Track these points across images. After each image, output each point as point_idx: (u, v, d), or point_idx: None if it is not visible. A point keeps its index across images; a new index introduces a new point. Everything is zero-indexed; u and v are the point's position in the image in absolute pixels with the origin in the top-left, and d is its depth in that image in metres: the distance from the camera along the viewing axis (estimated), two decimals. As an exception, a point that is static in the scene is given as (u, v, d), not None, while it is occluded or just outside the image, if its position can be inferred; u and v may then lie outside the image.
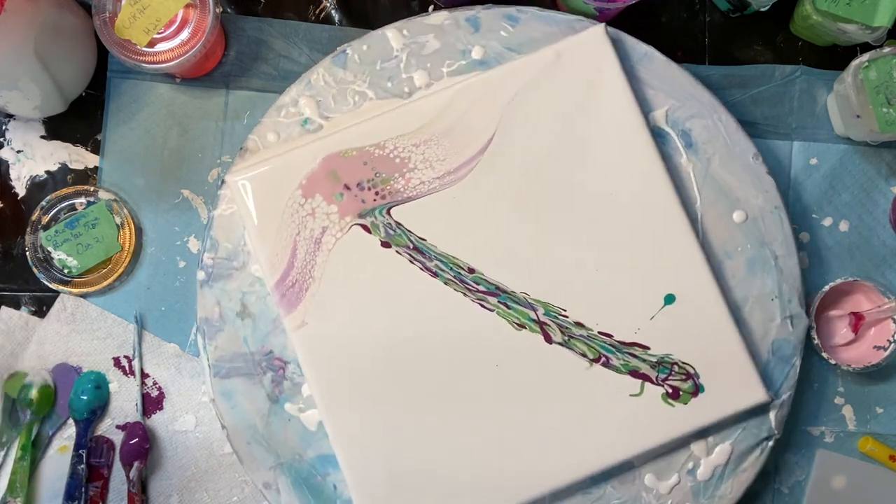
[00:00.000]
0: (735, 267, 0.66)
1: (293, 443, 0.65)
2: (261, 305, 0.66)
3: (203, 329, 0.66)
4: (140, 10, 0.63)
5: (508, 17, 0.67)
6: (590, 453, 0.62)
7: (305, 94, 0.67)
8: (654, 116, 0.66)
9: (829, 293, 0.68)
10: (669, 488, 0.65)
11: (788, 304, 0.66)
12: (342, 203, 0.64)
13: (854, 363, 0.67)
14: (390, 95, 0.67)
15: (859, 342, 0.69)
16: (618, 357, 0.63)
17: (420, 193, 0.64)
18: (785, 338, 0.66)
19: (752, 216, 0.66)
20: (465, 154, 0.64)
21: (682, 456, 0.65)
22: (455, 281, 0.64)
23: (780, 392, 0.65)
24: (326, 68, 0.67)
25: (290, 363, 0.65)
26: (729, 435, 0.65)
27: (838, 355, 0.68)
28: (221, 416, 0.65)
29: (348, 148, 0.64)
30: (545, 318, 0.63)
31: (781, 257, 0.66)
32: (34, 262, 0.68)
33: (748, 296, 0.66)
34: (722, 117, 0.66)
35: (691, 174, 0.66)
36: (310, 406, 0.65)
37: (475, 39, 0.67)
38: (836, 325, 0.70)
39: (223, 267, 0.66)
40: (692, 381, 0.63)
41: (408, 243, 0.64)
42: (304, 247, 0.64)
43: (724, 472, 0.65)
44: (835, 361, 0.67)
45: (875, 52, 0.66)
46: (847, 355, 0.69)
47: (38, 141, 0.70)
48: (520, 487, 0.62)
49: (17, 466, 0.66)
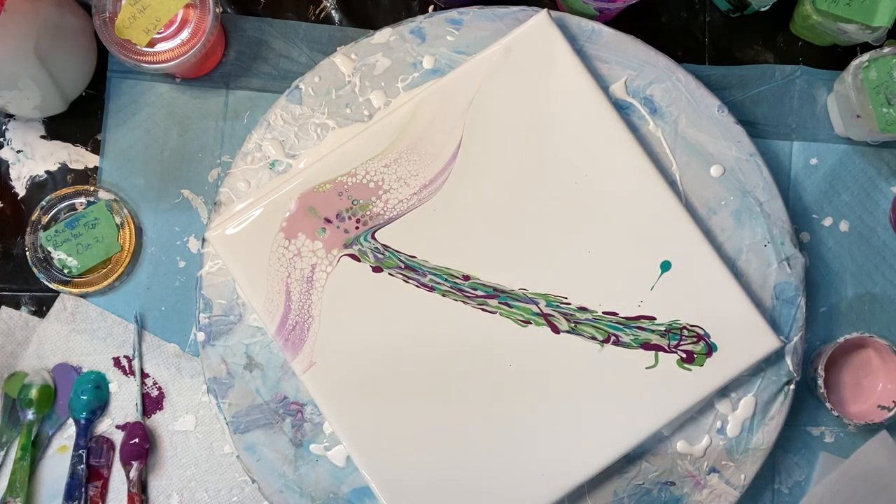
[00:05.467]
0: (722, 221, 0.66)
1: (325, 482, 0.65)
2: (266, 354, 0.66)
3: (213, 389, 0.65)
4: (140, 10, 0.63)
5: (452, 21, 0.67)
6: (619, 433, 0.62)
7: (267, 137, 0.66)
8: (614, 90, 0.67)
9: (841, 345, 0.67)
10: (703, 450, 0.65)
11: (782, 247, 0.66)
12: (326, 237, 0.64)
13: (857, 419, 0.67)
14: (351, 121, 0.66)
15: (864, 398, 0.69)
16: (627, 333, 0.63)
17: (400, 212, 0.64)
18: (785, 280, 0.66)
19: (730, 168, 0.66)
20: (436, 165, 0.64)
21: (710, 417, 0.65)
22: (453, 291, 0.64)
23: (791, 335, 0.66)
24: (283, 107, 0.67)
25: (306, 405, 0.65)
26: (750, 387, 0.65)
27: (843, 408, 0.68)
28: (249, 471, 0.65)
29: (321, 182, 0.64)
30: (548, 309, 0.63)
31: (766, 202, 0.66)
32: (34, 262, 0.68)
33: (741, 246, 0.66)
34: (681, 77, 0.67)
35: (661, 139, 0.66)
36: (334, 443, 0.65)
37: (423, 50, 0.67)
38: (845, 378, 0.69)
39: (221, 323, 0.66)
40: (704, 342, 0.63)
41: (398, 264, 0.64)
42: (298, 288, 0.63)
43: (753, 424, 0.65)
44: (838, 414, 0.66)
45: (875, 52, 0.66)
46: (850, 409, 0.68)
47: (38, 141, 0.70)
48: (557, 481, 0.62)
49: (17, 466, 0.67)
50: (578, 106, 0.64)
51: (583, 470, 0.62)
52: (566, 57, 0.64)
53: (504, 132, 0.64)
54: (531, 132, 0.64)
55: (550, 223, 0.64)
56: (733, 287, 0.63)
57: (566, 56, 0.64)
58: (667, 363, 0.63)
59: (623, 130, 0.64)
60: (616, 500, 0.65)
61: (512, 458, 0.63)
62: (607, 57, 0.66)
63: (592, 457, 0.62)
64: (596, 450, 0.62)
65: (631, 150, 0.64)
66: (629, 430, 0.62)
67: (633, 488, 0.65)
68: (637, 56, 0.67)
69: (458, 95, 0.64)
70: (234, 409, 0.65)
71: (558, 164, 0.64)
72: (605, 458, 0.62)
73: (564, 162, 0.64)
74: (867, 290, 0.71)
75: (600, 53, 0.66)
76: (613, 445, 0.62)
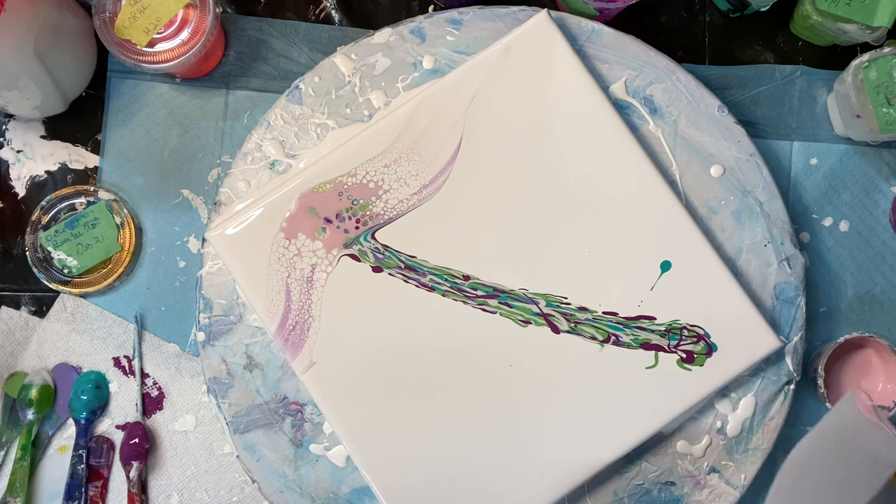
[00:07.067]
0: (722, 221, 0.66)
1: (325, 482, 0.65)
2: (266, 354, 0.66)
3: (213, 389, 0.65)
4: (140, 10, 0.63)
5: (452, 21, 0.67)
6: (618, 433, 0.62)
7: (268, 137, 0.66)
8: (614, 90, 0.67)
9: (841, 345, 0.67)
10: (703, 450, 0.65)
11: (782, 247, 0.66)
12: (326, 237, 0.64)
13: None
14: (351, 121, 0.66)
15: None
16: (626, 333, 0.63)
17: (400, 212, 0.64)
18: (785, 280, 0.66)
19: (729, 168, 0.66)
20: (436, 165, 0.64)
21: (710, 416, 0.65)
22: (453, 291, 0.64)
23: (791, 335, 0.66)
24: (283, 107, 0.67)
25: (306, 405, 0.65)
26: (750, 387, 0.65)
27: None
28: (249, 471, 0.65)
29: (321, 182, 0.64)
30: (548, 309, 0.63)
31: (766, 202, 0.66)
32: (34, 262, 0.68)
33: (741, 246, 0.66)
34: (681, 77, 0.67)
35: (661, 139, 0.66)
36: (335, 443, 0.65)
37: (423, 50, 0.67)
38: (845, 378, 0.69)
39: (221, 324, 0.66)
40: (704, 342, 0.63)
41: (398, 264, 0.64)
42: (298, 288, 0.63)
43: (753, 424, 0.65)
44: None
45: (875, 52, 0.66)
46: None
47: (38, 141, 0.70)
48: (557, 481, 0.62)
49: (17, 466, 0.67)
50: (578, 106, 0.64)
51: (583, 470, 0.62)
52: (566, 57, 0.64)
53: (504, 132, 0.64)
54: (531, 132, 0.64)
55: (550, 223, 0.64)
56: (733, 287, 0.63)
57: (566, 56, 0.64)
58: (667, 363, 0.63)
59: (623, 130, 0.64)
60: (616, 500, 0.65)
61: (512, 458, 0.63)
62: (607, 57, 0.66)
63: (592, 457, 0.62)
64: (596, 450, 0.62)
65: (631, 150, 0.64)
66: (629, 430, 0.62)
67: (633, 488, 0.65)
68: (637, 56, 0.67)
69: (458, 95, 0.64)
70: (234, 409, 0.65)
71: (558, 164, 0.64)
72: (605, 458, 0.62)
73: (564, 162, 0.64)
74: (867, 290, 0.71)
75: (600, 53, 0.66)
76: (613, 445, 0.62)
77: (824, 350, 0.67)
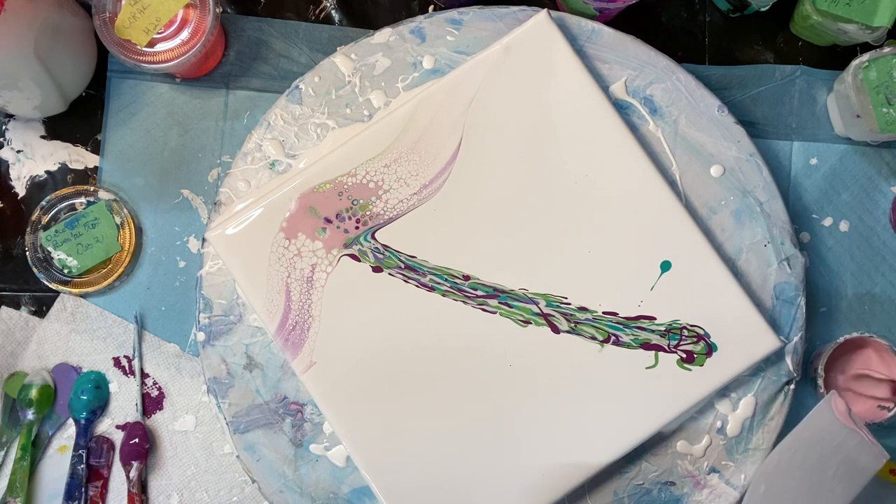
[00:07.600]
0: (722, 221, 0.66)
1: (325, 482, 0.65)
2: (266, 354, 0.66)
3: (213, 389, 0.65)
4: (140, 10, 0.63)
5: (451, 21, 0.67)
6: (619, 433, 0.62)
7: (268, 137, 0.66)
8: (614, 90, 0.67)
9: (841, 345, 0.67)
10: (703, 450, 0.65)
11: (782, 247, 0.66)
12: (326, 237, 0.64)
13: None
14: (351, 121, 0.66)
15: (864, 398, 0.68)
16: (626, 333, 0.63)
17: (400, 212, 0.64)
18: (785, 280, 0.66)
19: (729, 168, 0.66)
20: (436, 165, 0.64)
21: (710, 416, 0.65)
22: (453, 291, 0.64)
23: (791, 335, 0.66)
24: (283, 107, 0.67)
25: (306, 405, 0.65)
26: (750, 387, 0.65)
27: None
28: (249, 471, 0.65)
29: (321, 182, 0.64)
30: (548, 309, 0.63)
31: (766, 202, 0.66)
32: (34, 262, 0.68)
33: (741, 246, 0.66)
34: (681, 77, 0.67)
35: (661, 139, 0.66)
36: (335, 443, 0.65)
37: (423, 50, 0.67)
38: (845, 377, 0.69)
39: (221, 323, 0.66)
40: (704, 342, 0.63)
41: (398, 264, 0.64)
42: (298, 288, 0.63)
43: (753, 424, 0.65)
44: None
45: (875, 52, 0.66)
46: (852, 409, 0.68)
47: (38, 141, 0.70)
48: (557, 481, 0.62)
49: (17, 466, 0.67)
50: (578, 106, 0.64)
51: (583, 470, 0.62)
52: (566, 57, 0.64)
53: (504, 132, 0.64)
54: (531, 132, 0.64)
55: (550, 223, 0.64)
56: (733, 287, 0.63)
57: (566, 56, 0.64)
58: (667, 363, 0.63)
59: (623, 130, 0.64)
60: (616, 500, 0.65)
61: (512, 458, 0.62)
62: (607, 57, 0.66)
63: (592, 457, 0.62)
64: (596, 450, 0.62)
65: (631, 150, 0.64)
66: (629, 430, 0.62)
67: (633, 488, 0.65)
68: (637, 56, 0.67)
69: (459, 95, 0.64)
70: (234, 409, 0.65)
71: (558, 164, 0.64)
72: (605, 458, 0.62)
73: (564, 162, 0.64)
74: (867, 290, 0.71)
75: (600, 53, 0.66)
76: (613, 445, 0.62)
77: (824, 350, 0.67)
